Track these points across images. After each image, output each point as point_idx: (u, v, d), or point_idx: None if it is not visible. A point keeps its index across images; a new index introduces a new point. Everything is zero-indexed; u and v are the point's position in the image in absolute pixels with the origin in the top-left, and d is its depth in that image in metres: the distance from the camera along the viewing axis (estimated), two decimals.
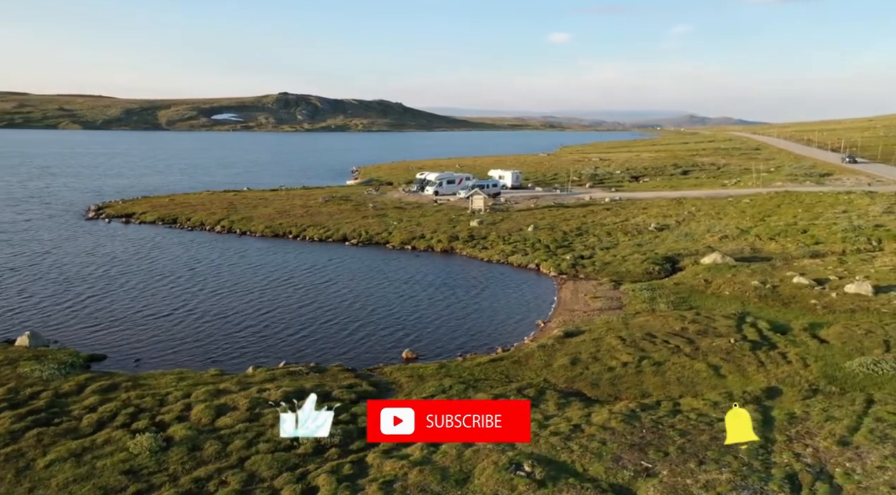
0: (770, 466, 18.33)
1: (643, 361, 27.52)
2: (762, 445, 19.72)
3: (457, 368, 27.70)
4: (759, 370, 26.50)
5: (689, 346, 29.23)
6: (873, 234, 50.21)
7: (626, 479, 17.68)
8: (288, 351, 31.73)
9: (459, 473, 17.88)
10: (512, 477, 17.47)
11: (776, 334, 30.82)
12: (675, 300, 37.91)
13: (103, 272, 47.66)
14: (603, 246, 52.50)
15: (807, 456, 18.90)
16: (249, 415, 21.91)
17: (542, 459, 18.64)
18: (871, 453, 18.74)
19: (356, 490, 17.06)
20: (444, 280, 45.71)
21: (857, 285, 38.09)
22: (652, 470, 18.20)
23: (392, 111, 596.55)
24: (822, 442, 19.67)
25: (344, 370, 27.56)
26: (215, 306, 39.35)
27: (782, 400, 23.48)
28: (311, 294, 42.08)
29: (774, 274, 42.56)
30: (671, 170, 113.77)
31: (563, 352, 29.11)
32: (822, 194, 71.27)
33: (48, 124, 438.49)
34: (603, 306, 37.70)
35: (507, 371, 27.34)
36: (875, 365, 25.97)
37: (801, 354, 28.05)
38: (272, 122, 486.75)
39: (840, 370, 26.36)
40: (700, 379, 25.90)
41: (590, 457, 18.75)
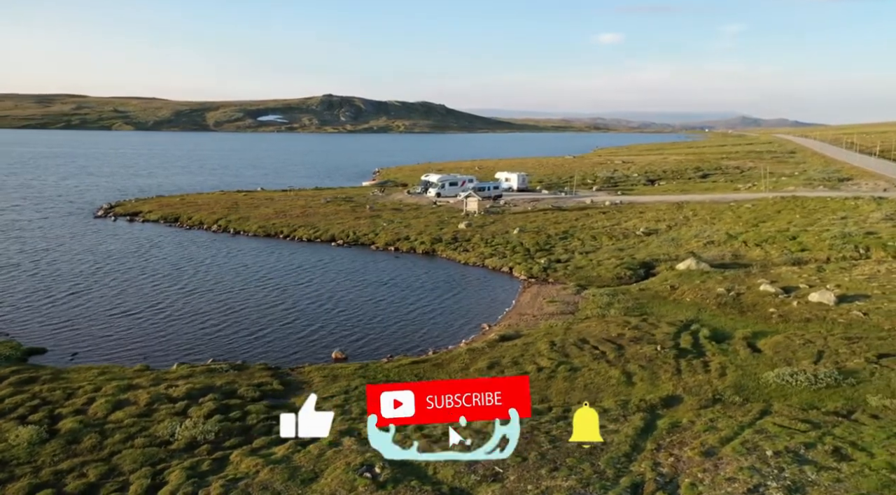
0: (622, 475, 18.22)
1: (560, 367, 27.43)
2: (627, 453, 19.63)
3: (376, 369, 28.07)
4: (671, 378, 26.16)
5: (615, 353, 28.99)
6: (863, 242, 48.66)
7: (470, 483, 17.81)
8: (233, 349, 32.55)
9: (310, 473, 18.27)
10: (356, 478, 17.78)
11: (711, 343, 30.31)
12: (632, 306, 37.54)
13: (94, 269, 49.46)
14: (584, 250, 52.13)
15: (664, 466, 18.71)
16: (144, 410, 22.68)
17: (398, 462, 18.85)
18: (729, 464, 18.44)
19: (201, 486, 17.58)
20: (411, 282, 46.09)
21: (821, 294, 37.10)
22: (500, 476, 18.28)
23: (434, 113, 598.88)
24: (689, 452, 19.42)
25: (265, 368, 28.19)
26: (186, 305, 40.46)
27: (677, 409, 23.18)
28: (281, 295, 42.83)
29: (745, 281, 41.69)
30: (691, 173, 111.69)
31: (487, 356, 29.20)
32: (829, 199, 69.16)
33: (102, 125, 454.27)
34: (556, 311, 37.55)
35: (423, 373, 27.59)
36: (791, 376, 25.39)
37: (724, 364, 27.57)
38: (315, 123, 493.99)
39: (755, 380, 25.85)
40: (607, 386, 25.72)
41: (445, 461, 18.90)
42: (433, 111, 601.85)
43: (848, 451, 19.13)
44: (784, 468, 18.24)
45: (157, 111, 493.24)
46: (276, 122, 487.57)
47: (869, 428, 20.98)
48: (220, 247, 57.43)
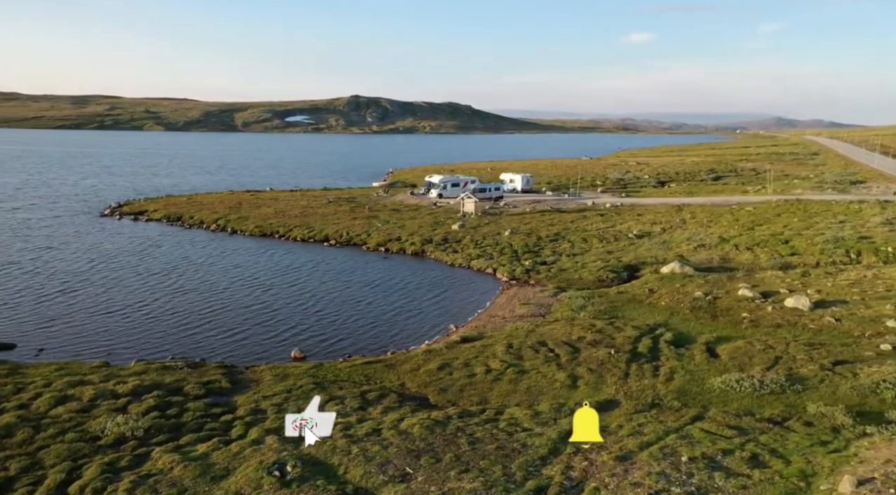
0: (531, 478, 18.25)
1: (509, 369, 27.47)
2: (543, 457, 19.65)
3: (328, 369, 28.37)
4: (616, 382, 26.05)
5: (569, 356, 28.93)
6: (855, 247, 47.75)
7: (376, 484, 17.97)
8: (200, 347, 33.21)
9: (223, 470, 18.59)
10: (263, 476, 18.05)
11: (670, 347, 30.07)
12: (604, 309, 37.37)
13: (89, 268, 50.54)
14: (572, 252, 51.95)
15: (576, 470, 18.68)
16: (86, 406, 23.25)
17: (312, 460, 19.14)
18: (640, 469, 18.37)
19: (113, 481, 18.01)
20: (394, 283, 46.37)
21: (796, 300, 36.56)
22: (409, 476, 18.42)
23: (461, 113, 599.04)
24: (605, 456, 19.36)
25: (221, 366, 28.66)
26: (168, 304, 41.16)
27: (611, 414, 23.06)
28: (263, 295, 43.35)
29: (726, 285, 41.22)
30: (703, 175, 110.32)
31: (441, 358, 29.33)
32: (833, 203, 67.83)
33: (134, 126, 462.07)
34: (527, 313, 37.53)
35: (372, 373, 27.82)
36: (737, 382, 25.14)
37: (675, 368, 27.37)
38: (342, 123, 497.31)
39: (701, 385, 25.65)
40: (550, 389, 25.70)
41: (359, 461, 19.10)
42: (459, 112, 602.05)
43: (765, 458, 18.94)
44: (694, 474, 18.13)
45: (187, 112, 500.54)
46: (303, 122, 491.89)
47: (797, 435, 20.72)
48: (216, 247, 58.29)
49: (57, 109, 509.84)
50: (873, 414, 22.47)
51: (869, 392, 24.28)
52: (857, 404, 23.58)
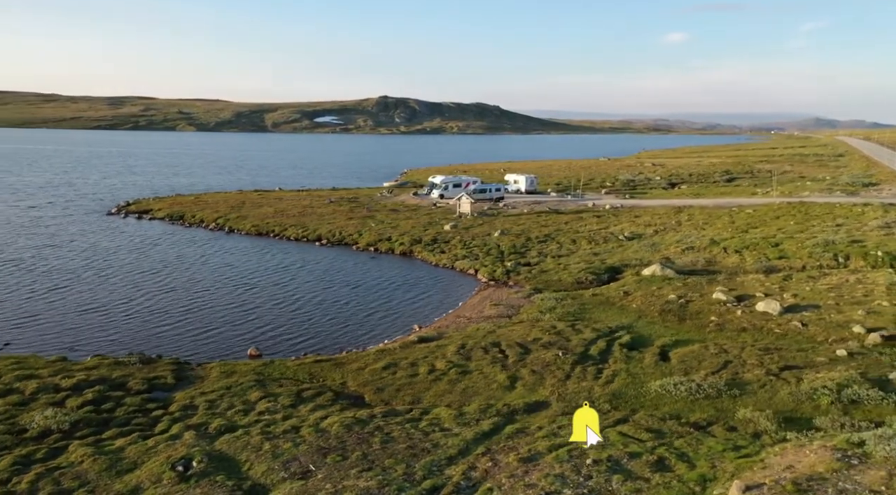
0: (430, 477, 18.35)
1: (452, 370, 27.56)
2: (451, 457, 19.74)
3: (277, 367, 28.72)
4: (554, 384, 25.98)
5: (517, 357, 28.91)
6: (844, 250, 46.72)
7: (275, 481, 18.24)
8: (164, 343, 33.93)
9: (130, 464, 19.04)
10: (165, 471, 18.43)
11: (623, 350, 29.84)
12: (574, 311, 37.20)
13: (84, 266, 51.75)
14: (558, 253, 51.75)
15: (478, 471, 18.73)
16: (26, 399, 23.97)
17: (219, 456, 19.50)
18: (540, 471, 18.32)
19: (21, 473, 18.54)
20: (375, 282, 46.70)
21: (766, 304, 36.01)
22: (309, 474, 18.65)
23: (489, 114, 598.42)
24: (511, 457, 19.37)
25: (174, 363, 29.19)
26: (150, 302, 41.92)
27: (536, 416, 23.03)
28: (244, 294, 43.90)
29: (703, 288, 40.72)
30: (717, 177, 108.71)
31: (391, 357, 29.52)
32: (837, 205, 66.35)
33: (167, 126, 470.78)
34: (495, 314, 37.53)
35: (318, 372, 28.10)
36: (674, 386, 24.88)
37: (619, 371, 27.21)
38: (370, 124, 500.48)
39: (638, 389, 25.45)
40: (486, 390, 25.71)
41: (266, 458, 19.41)
42: (487, 112, 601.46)
43: (671, 463, 18.77)
44: (592, 476, 18.07)
45: (218, 112, 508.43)
46: (332, 123, 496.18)
47: (714, 440, 20.47)
48: (211, 246, 59.22)
49: (94, 110, 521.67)
50: (802, 420, 22.11)
51: (805, 398, 23.86)
52: (790, 409, 23.22)
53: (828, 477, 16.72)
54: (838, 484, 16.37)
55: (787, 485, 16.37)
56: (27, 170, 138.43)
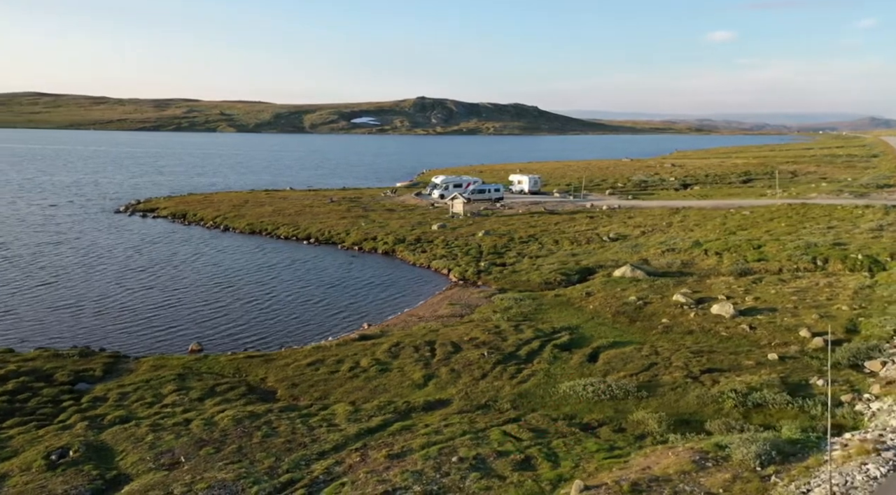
0: (293, 471, 18.66)
1: (373, 368, 27.82)
2: (323, 452, 20.09)
3: (208, 361, 29.31)
4: (467, 383, 26.02)
5: (444, 356, 29.01)
6: (825, 253, 45.48)
7: (140, 471, 18.76)
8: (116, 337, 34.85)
9: (11, 453, 19.82)
10: (37, 459, 19.06)
11: (554, 351, 29.66)
12: (528, 311, 37.06)
13: (78, 263, 53.20)
14: (537, 254, 51.53)
15: (342, 466, 18.97)
16: None
17: (98, 447, 20.12)
18: (401, 467, 18.47)
19: None
20: (347, 281, 47.18)
21: (721, 306, 35.39)
22: (177, 465, 19.10)
23: (527, 114, 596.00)
24: (381, 453, 19.56)
25: (111, 356, 29.99)
26: (127, 299, 42.72)
27: (433, 414, 23.11)
28: (219, 292, 44.35)
29: (668, 290, 40.12)
30: (733, 178, 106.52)
31: (322, 354, 29.90)
32: (838, 207, 64.39)
33: (209, 127, 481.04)
34: (448, 313, 37.63)
35: (245, 367, 28.59)
36: (582, 387, 24.69)
37: (538, 371, 27.14)
38: (406, 125, 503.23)
39: (548, 389, 25.33)
40: (396, 388, 25.88)
41: (142, 449, 19.95)
42: (525, 113, 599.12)
43: (537, 462, 18.78)
44: (450, 474, 18.17)
45: (258, 114, 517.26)
46: (369, 124, 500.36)
47: (593, 440, 20.39)
48: (204, 244, 60.44)
49: (139, 112, 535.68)
50: (695, 423, 21.78)
51: (711, 401, 23.47)
52: (690, 412, 22.88)
53: (672, 479, 16.58)
54: (678, 485, 16.24)
55: (625, 486, 16.27)
56: (62, 170, 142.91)
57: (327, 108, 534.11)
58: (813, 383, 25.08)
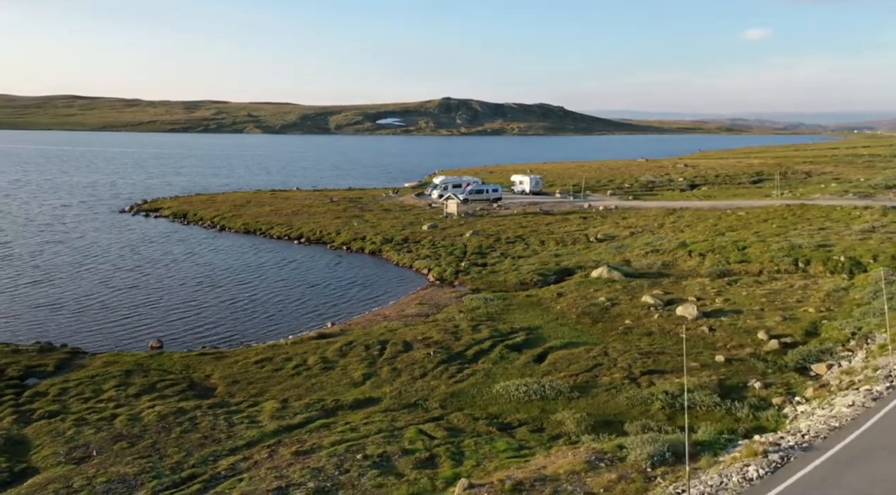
0: (198, 466, 18.96)
1: (317, 366, 28.10)
2: (235, 448, 20.31)
3: (160, 359, 29.76)
4: (404, 382, 26.13)
5: (390, 355, 29.19)
6: (807, 255, 44.66)
7: (49, 464, 19.22)
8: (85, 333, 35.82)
9: None
10: None
11: (504, 351, 29.61)
12: (494, 312, 36.99)
13: (70, 261, 54.35)
14: (520, 254, 51.42)
15: (249, 462, 19.23)
16: None
17: (18, 440, 20.73)
18: (303, 464, 18.65)
19: None
20: (328, 280, 47.64)
21: (684, 308, 35.05)
22: (87, 459, 19.51)
23: (552, 115, 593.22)
24: (289, 450, 19.76)
25: (69, 352, 30.70)
26: (108, 298, 43.34)
27: (357, 412, 23.24)
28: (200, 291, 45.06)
29: (639, 291, 39.75)
30: (743, 178, 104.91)
31: (273, 352, 30.23)
32: (837, 208, 63.02)
33: (236, 129, 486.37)
34: (414, 313, 37.75)
35: (195, 364, 28.97)
36: (515, 388, 24.64)
37: (478, 371, 27.19)
38: (431, 126, 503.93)
39: (483, 389, 25.31)
40: (334, 386, 26.08)
41: (59, 443, 20.42)
42: (551, 113, 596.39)
43: (441, 460, 18.92)
44: (349, 471, 18.34)
45: (285, 115, 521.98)
46: (394, 124, 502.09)
47: (505, 440, 20.37)
48: (199, 243, 61.28)
49: (170, 114, 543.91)
50: (616, 424, 21.65)
51: (639, 402, 23.29)
52: (617, 413, 22.73)
53: (559, 479, 16.55)
54: (562, 485, 16.21)
55: (508, 485, 16.27)
56: (83, 171, 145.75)
57: (352, 109, 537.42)
58: (751, 386, 24.74)
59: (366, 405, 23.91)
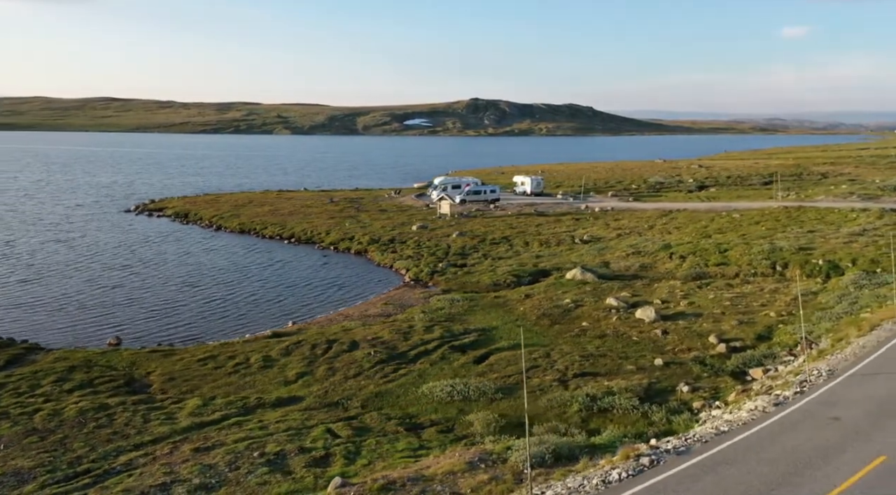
0: (98, 461, 19.34)
1: (255, 365, 28.42)
2: (140, 443, 20.67)
3: (109, 356, 30.32)
4: (335, 381, 26.31)
5: (332, 354, 29.39)
6: (786, 259, 43.82)
7: None
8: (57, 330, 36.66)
9: None
10: None
11: (447, 352, 29.59)
12: (458, 312, 36.99)
13: (66, 260, 55.62)
14: (501, 255, 51.33)
15: (148, 457, 19.56)
16: None
17: None
18: (197, 460, 18.96)
19: None
20: (307, 280, 48.17)
21: (643, 311, 34.65)
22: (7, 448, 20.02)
23: (581, 115, 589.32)
24: (192, 447, 20.05)
25: (24, 348, 31.57)
26: (91, 297, 44.24)
27: (277, 410, 23.48)
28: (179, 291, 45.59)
29: (606, 293, 39.37)
30: (754, 179, 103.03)
31: (220, 350, 30.63)
32: (836, 211, 61.50)
33: (265, 130, 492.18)
34: (377, 313, 37.96)
35: (140, 361, 29.47)
36: (440, 389, 24.68)
37: (413, 371, 27.24)
38: (458, 126, 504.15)
39: (410, 389, 25.40)
40: (265, 384, 26.36)
41: None
42: (579, 113, 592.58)
43: (336, 459, 19.20)
44: (239, 468, 18.59)
45: (314, 116, 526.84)
46: (421, 125, 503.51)
47: (408, 440, 20.44)
48: (195, 243, 62.29)
49: (202, 115, 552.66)
50: (530, 426, 21.41)
51: (558, 405, 23.14)
52: (535, 415, 22.40)
53: (434, 479, 16.61)
54: (433, 485, 16.28)
55: (378, 485, 16.31)
56: (106, 172, 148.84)
57: (380, 109, 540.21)
58: (678, 390, 24.41)
59: (288, 403, 24.13)
